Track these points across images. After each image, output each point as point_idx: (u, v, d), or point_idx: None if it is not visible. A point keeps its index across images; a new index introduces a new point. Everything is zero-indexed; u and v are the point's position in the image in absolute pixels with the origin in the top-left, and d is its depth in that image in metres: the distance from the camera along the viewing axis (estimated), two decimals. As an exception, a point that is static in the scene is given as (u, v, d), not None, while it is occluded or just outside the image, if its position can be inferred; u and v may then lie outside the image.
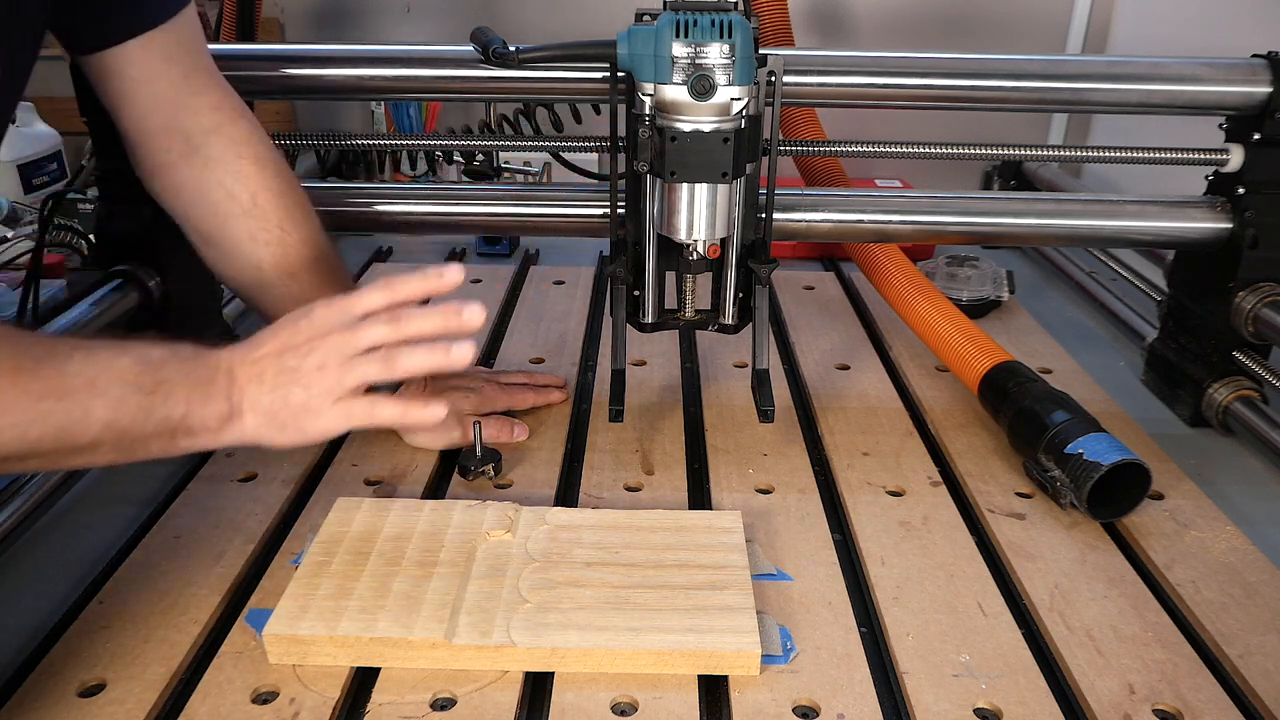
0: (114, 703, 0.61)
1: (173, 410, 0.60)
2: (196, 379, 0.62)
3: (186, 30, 0.77)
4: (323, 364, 0.64)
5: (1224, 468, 0.92)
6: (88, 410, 0.57)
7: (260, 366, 0.64)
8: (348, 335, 0.65)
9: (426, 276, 0.68)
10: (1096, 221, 1.01)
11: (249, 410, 0.63)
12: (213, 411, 0.62)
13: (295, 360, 0.64)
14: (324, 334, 0.65)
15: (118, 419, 0.58)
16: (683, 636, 0.64)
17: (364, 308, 0.67)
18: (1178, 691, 0.63)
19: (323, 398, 0.64)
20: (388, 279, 0.69)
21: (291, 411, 0.64)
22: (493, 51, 0.82)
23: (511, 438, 0.91)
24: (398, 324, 0.66)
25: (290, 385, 0.64)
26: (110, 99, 0.78)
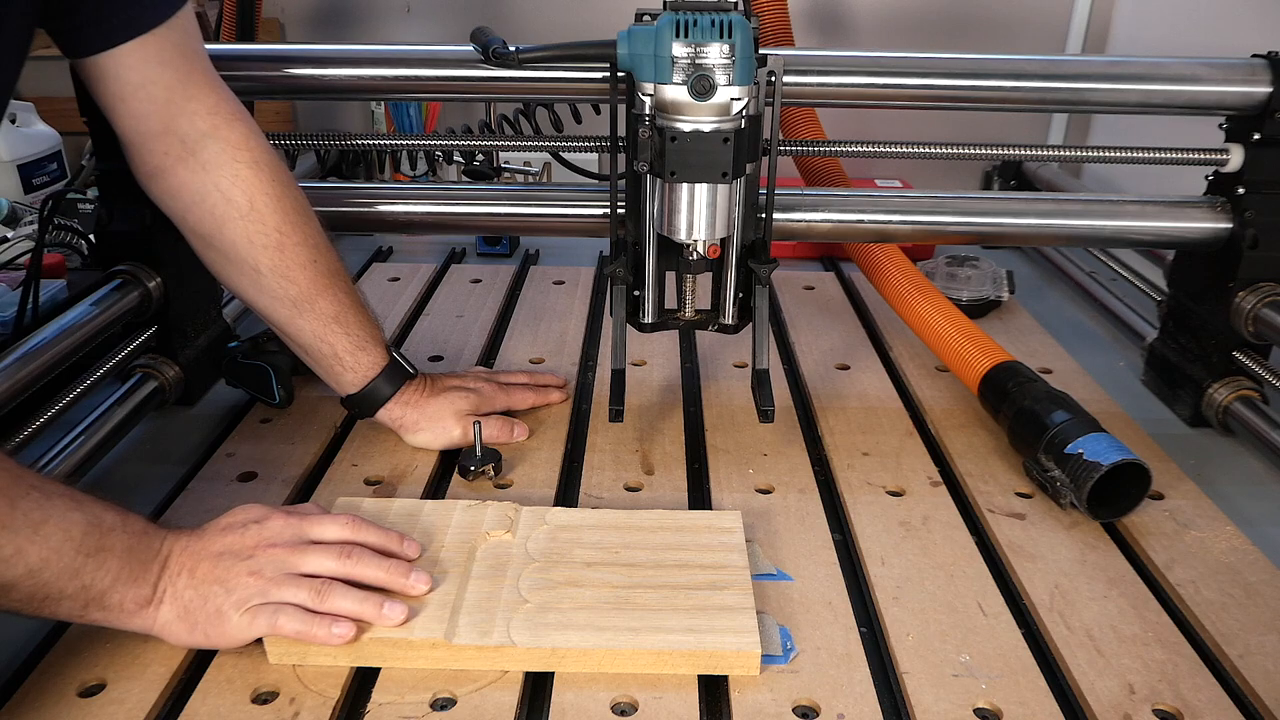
0: (114, 703, 0.61)
1: (99, 581, 0.59)
2: (135, 556, 0.61)
3: (182, 33, 0.77)
4: (256, 572, 0.63)
5: (1224, 468, 0.92)
6: (19, 550, 0.55)
7: (196, 560, 0.63)
8: (292, 555, 0.64)
9: (390, 538, 0.69)
10: (1096, 221, 1.01)
11: (168, 601, 0.62)
12: (135, 594, 0.61)
13: (229, 564, 0.63)
14: (269, 544, 0.64)
15: (44, 570, 0.56)
16: (683, 636, 0.64)
17: (318, 535, 0.66)
18: (1178, 691, 0.63)
19: (240, 605, 0.62)
20: (354, 520, 0.68)
21: (206, 613, 0.62)
22: (493, 51, 0.82)
23: (511, 438, 0.91)
24: (347, 561, 0.65)
25: (215, 587, 0.62)
26: (106, 102, 0.78)
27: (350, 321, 0.86)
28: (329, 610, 0.63)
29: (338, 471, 0.87)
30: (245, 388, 0.97)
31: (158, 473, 0.87)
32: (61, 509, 0.58)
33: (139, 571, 0.61)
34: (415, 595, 0.66)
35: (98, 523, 0.59)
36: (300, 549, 0.65)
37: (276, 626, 0.62)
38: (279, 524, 0.66)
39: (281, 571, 0.63)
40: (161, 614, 0.62)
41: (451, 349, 1.12)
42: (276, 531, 0.65)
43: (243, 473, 0.86)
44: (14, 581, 0.56)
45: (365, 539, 0.68)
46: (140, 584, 0.61)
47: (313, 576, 0.64)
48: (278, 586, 0.63)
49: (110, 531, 0.60)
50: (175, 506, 0.81)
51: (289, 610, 0.62)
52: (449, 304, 1.25)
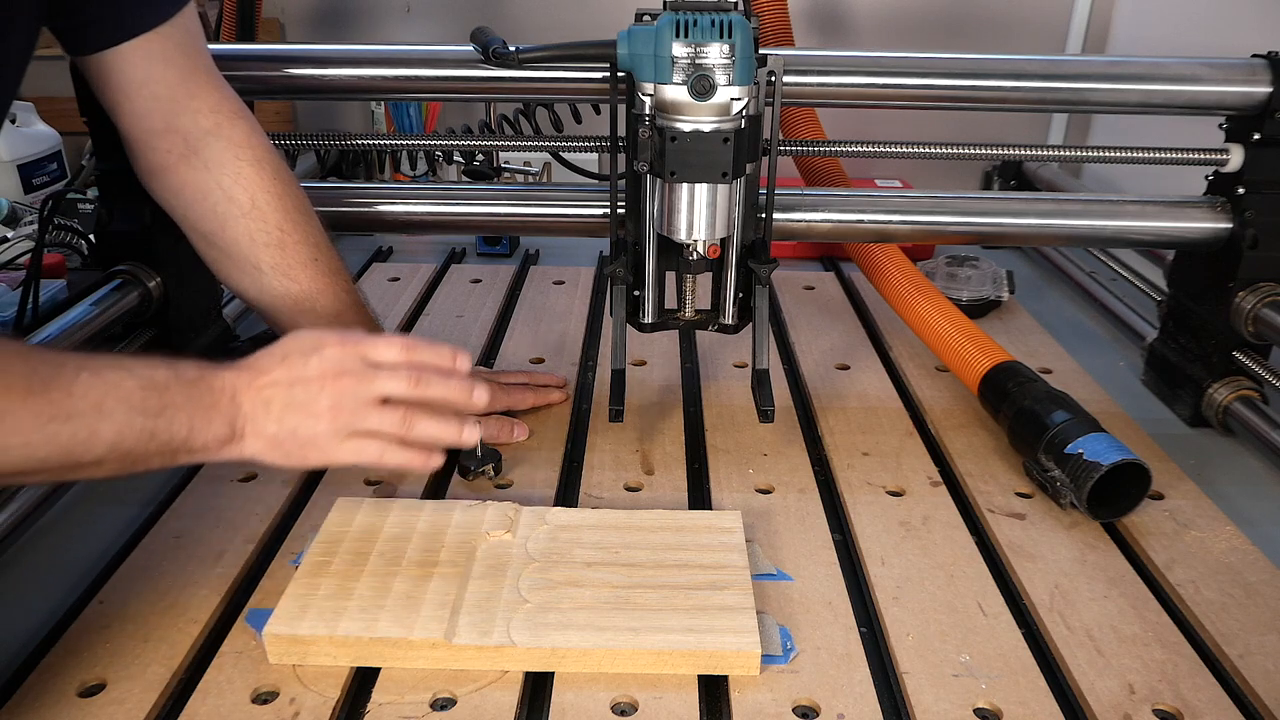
0: (114, 703, 0.61)
1: (176, 433, 0.61)
2: (200, 403, 0.63)
3: (185, 31, 0.77)
4: (337, 405, 0.65)
5: (1224, 468, 0.92)
6: (94, 432, 0.58)
7: (267, 395, 0.65)
8: (364, 382, 0.66)
9: (442, 354, 0.70)
10: (1096, 221, 1.01)
11: (251, 435, 0.64)
12: (214, 434, 0.63)
13: (306, 395, 0.65)
14: (337, 374, 0.66)
15: (122, 441, 0.59)
16: (683, 636, 0.64)
17: (377, 357, 0.67)
18: (1178, 691, 0.63)
19: (332, 436, 0.65)
20: (406, 340, 0.70)
21: (298, 443, 0.65)
22: (493, 51, 0.82)
23: (511, 438, 0.91)
24: (419, 384, 0.67)
25: (299, 419, 0.65)
26: (109, 100, 0.78)
27: (351, 321, 0.86)
28: (417, 437, 0.68)
29: (338, 471, 0.87)
30: (245, 388, 0.97)
31: (158, 473, 0.87)
32: (115, 381, 0.59)
33: (210, 416, 0.63)
34: (479, 408, 0.70)
35: (152, 384, 0.61)
36: (370, 376, 0.67)
37: (382, 459, 0.67)
38: (337, 352, 0.67)
39: (360, 401, 0.66)
40: (248, 446, 0.65)
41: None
42: (339, 360, 0.66)
43: (243, 473, 0.86)
44: (101, 458, 0.59)
45: (422, 358, 0.69)
46: (215, 425, 0.63)
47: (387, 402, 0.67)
48: (363, 417, 0.66)
49: (167, 388, 0.61)
50: (175, 506, 0.81)
51: (391, 448, 0.67)
52: (449, 304, 1.25)
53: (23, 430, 0.55)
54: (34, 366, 0.57)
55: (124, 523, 0.80)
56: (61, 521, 0.80)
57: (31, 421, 0.55)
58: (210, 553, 0.75)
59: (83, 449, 0.58)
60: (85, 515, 0.81)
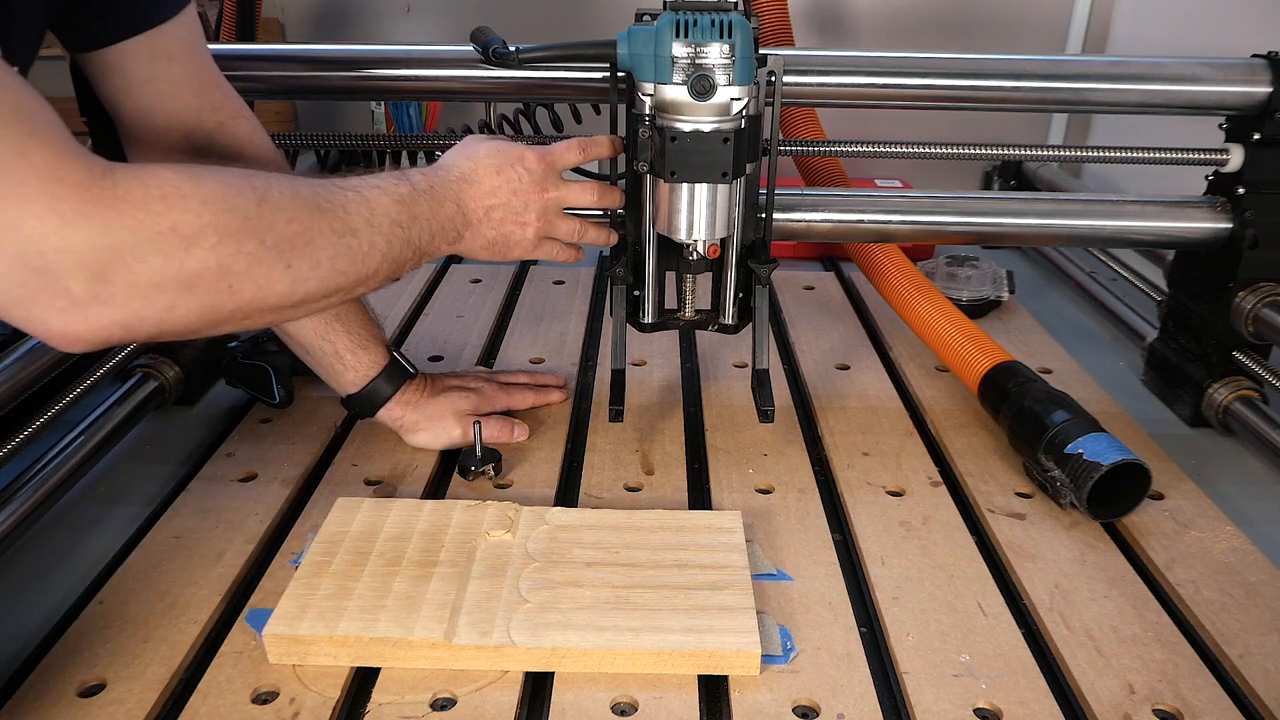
0: (114, 703, 0.61)
1: (423, 240, 0.70)
2: (435, 213, 0.71)
3: (187, 30, 0.77)
4: (541, 215, 0.78)
5: (1224, 468, 0.92)
6: (372, 244, 0.65)
7: (489, 205, 0.75)
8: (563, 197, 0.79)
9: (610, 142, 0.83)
10: (1096, 221, 1.01)
11: (471, 238, 0.75)
12: (446, 240, 0.73)
13: (520, 206, 0.76)
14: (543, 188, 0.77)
15: (390, 250, 0.67)
16: (683, 636, 0.64)
17: (565, 164, 0.80)
18: (1178, 691, 0.63)
19: (533, 239, 0.78)
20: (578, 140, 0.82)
21: (507, 245, 0.77)
22: (493, 51, 0.82)
23: (511, 438, 0.91)
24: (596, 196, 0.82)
25: (513, 227, 0.77)
26: (110, 98, 0.78)
27: (350, 321, 0.86)
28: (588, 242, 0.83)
29: (338, 471, 0.87)
30: (245, 388, 0.97)
31: (158, 473, 0.87)
32: (375, 199, 0.67)
33: (444, 224, 0.72)
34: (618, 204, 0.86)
35: (402, 199, 0.69)
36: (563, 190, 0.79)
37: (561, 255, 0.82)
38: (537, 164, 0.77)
39: (556, 211, 0.79)
40: (466, 246, 0.76)
41: (451, 349, 1.12)
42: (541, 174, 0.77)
43: (243, 473, 0.86)
44: (376, 269, 0.67)
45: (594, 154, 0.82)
46: (448, 231, 0.73)
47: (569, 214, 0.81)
48: (555, 226, 0.80)
49: (415, 202, 0.70)
50: (175, 506, 0.81)
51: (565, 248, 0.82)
52: (449, 304, 1.25)
53: (328, 245, 0.62)
54: (315, 190, 0.63)
55: (124, 523, 0.80)
56: (61, 521, 0.80)
57: (331, 236, 0.62)
58: (210, 553, 0.75)
59: (367, 260, 0.65)
60: (85, 515, 0.81)
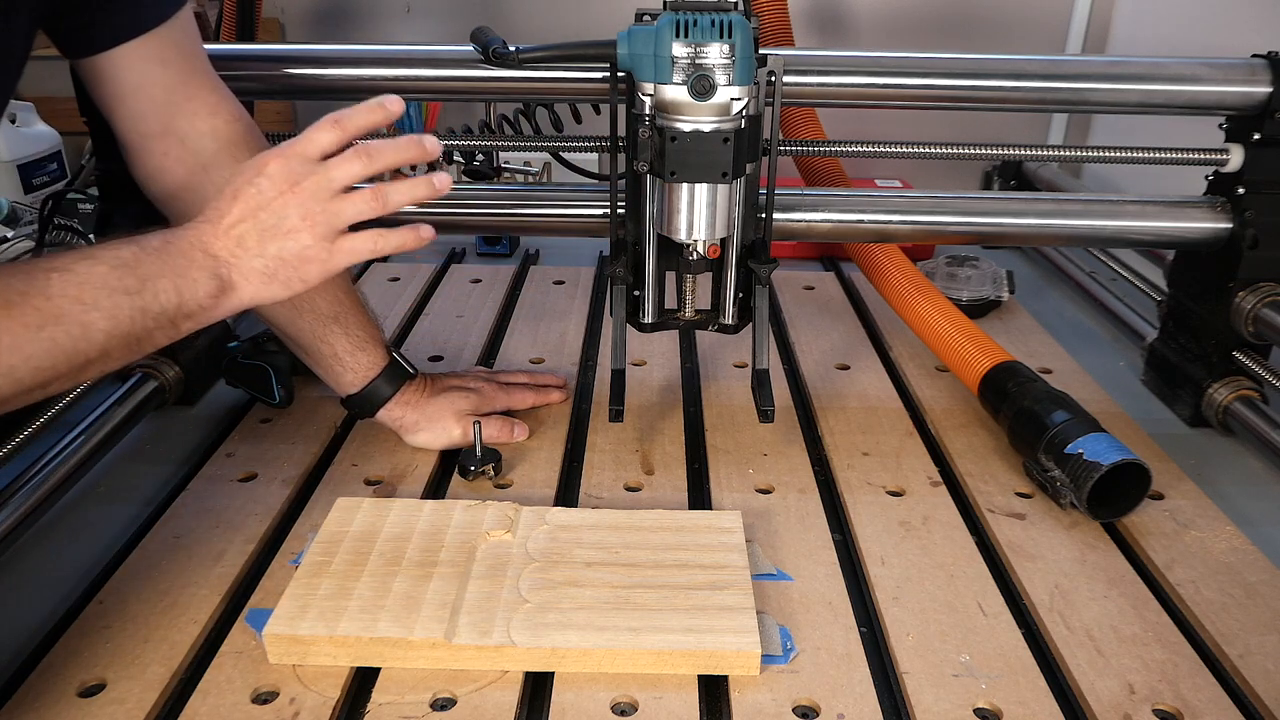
0: (114, 703, 0.61)
1: (165, 302, 0.61)
2: (175, 267, 0.61)
3: (182, 33, 0.77)
4: (307, 213, 0.63)
5: (1224, 468, 0.92)
6: (86, 325, 0.57)
7: (237, 233, 0.63)
8: (320, 180, 0.64)
9: (370, 109, 0.66)
10: (1096, 221, 1.01)
11: (241, 279, 0.63)
12: (203, 291, 0.62)
13: (273, 218, 0.63)
14: (292, 184, 0.63)
15: (117, 326, 0.59)
16: (683, 636, 0.64)
17: (318, 149, 0.65)
18: (1178, 691, 0.63)
19: (319, 244, 0.64)
20: (330, 115, 0.66)
21: (290, 266, 0.64)
22: (493, 51, 0.82)
23: (511, 438, 0.91)
24: (370, 159, 0.65)
25: (280, 242, 0.63)
26: (106, 102, 0.77)
27: (350, 321, 0.86)
28: (395, 204, 0.65)
29: (338, 471, 0.87)
30: (245, 388, 0.97)
31: (158, 473, 0.87)
32: (86, 272, 0.58)
33: (191, 275, 0.62)
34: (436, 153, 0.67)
35: (122, 263, 0.60)
36: (322, 171, 0.64)
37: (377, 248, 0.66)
38: (280, 164, 0.64)
39: (326, 199, 0.64)
40: (244, 291, 0.63)
41: (451, 349, 1.12)
42: (286, 171, 0.64)
43: (243, 473, 0.86)
44: (104, 348, 0.59)
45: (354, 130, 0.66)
46: (201, 283, 0.62)
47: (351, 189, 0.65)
48: (337, 212, 0.64)
49: (138, 263, 0.60)
50: (175, 506, 0.81)
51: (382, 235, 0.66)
52: (449, 304, 1.25)
53: (19, 346, 0.55)
54: (5, 282, 0.56)
55: (124, 523, 0.80)
56: (61, 521, 0.80)
57: (24, 334, 0.55)
58: (210, 553, 0.75)
59: (83, 345, 0.57)
60: (85, 515, 0.81)
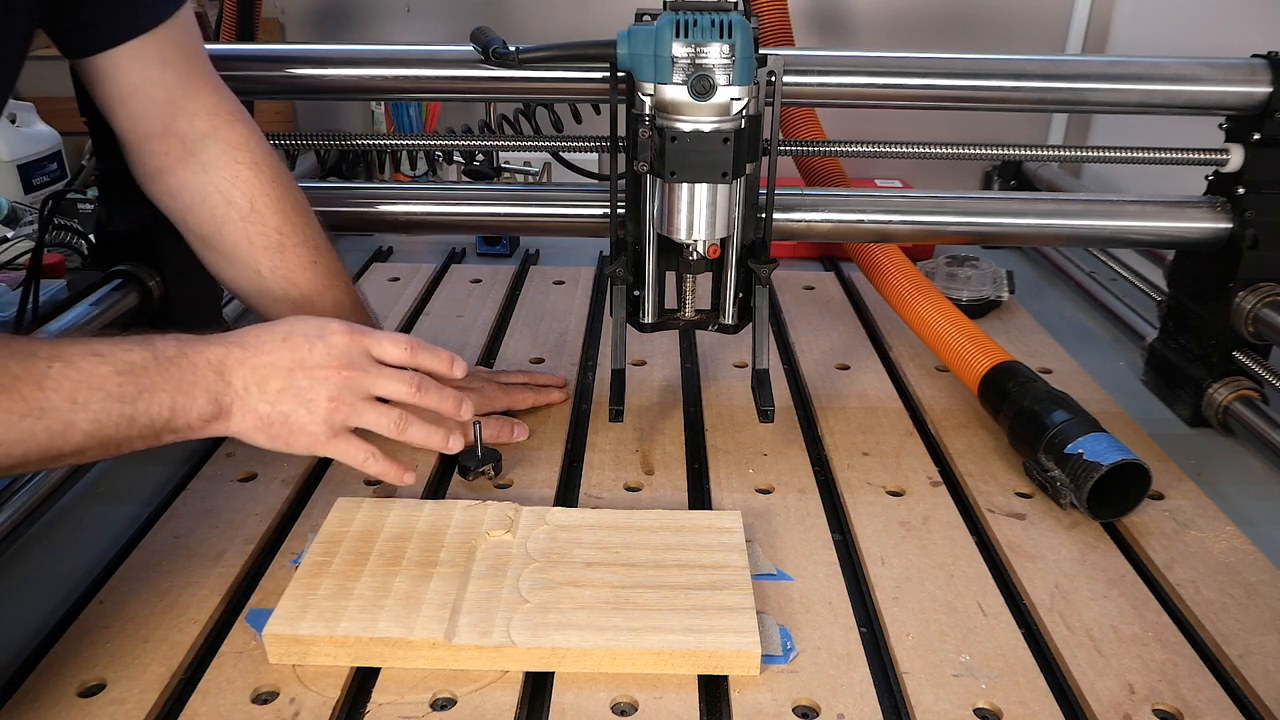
0: (114, 703, 0.61)
1: (156, 415, 0.61)
2: (181, 382, 0.62)
3: (182, 33, 0.77)
4: (336, 398, 0.66)
5: (1224, 468, 0.92)
6: (69, 424, 0.57)
7: (264, 374, 0.64)
8: (367, 379, 0.66)
9: (443, 360, 0.72)
10: (1096, 221, 1.01)
11: (240, 412, 0.64)
12: (197, 412, 0.62)
13: (306, 382, 0.65)
14: (341, 365, 0.66)
15: (100, 430, 0.58)
16: (683, 636, 0.64)
17: (381, 354, 0.68)
18: (1178, 691, 0.63)
19: (325, 428, 0.66)
20: (410, 340, 0.71)
21: (288, 428, 0.65)
22: (493, 51, 0.82)
23: (511, 438, 0.91)
24: (416, 393, 0.69)
25: (295, 406, 0.65)
26: (106, 103, 0.77)
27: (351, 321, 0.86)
28: (406, 440, 0.69)
29: (338, 471, 0.87)
30: (245, 388, 0.97)
31: (158, 473, 0.87)
32: (89, 371, 0.58)
33: (193, 394, 0.62)
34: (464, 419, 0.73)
35: (129, 368, 0.59)
36: (373, 373, 0.67)
37: (364, 465, 0.68)
38: (344, 341, 0.67)
39: (359, 397, 0.66)
40: (234, 423, 0.64)
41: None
42: (344, 350, 0.66)
43: (243, 473, 0.86)
44: (80, 447, 0.58)
45: (424, 363, 0.71)
46: (199, 403, 0.62)
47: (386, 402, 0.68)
48: (360, 413, 0.67)
49: (144, 371, 0.60)
50: (175, 507, 0.81)
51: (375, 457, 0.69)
52: (449, 304, 1.25)
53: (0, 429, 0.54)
54: (3, 362, 0.55)
55: (124, 523, 0.80)
56: (61, 521, 0.80)
57: (4, 419, 0.54)
58: (210, 553, 0.75)
59: (60, 440, 0.57)
60: (85, 515, 0.81)
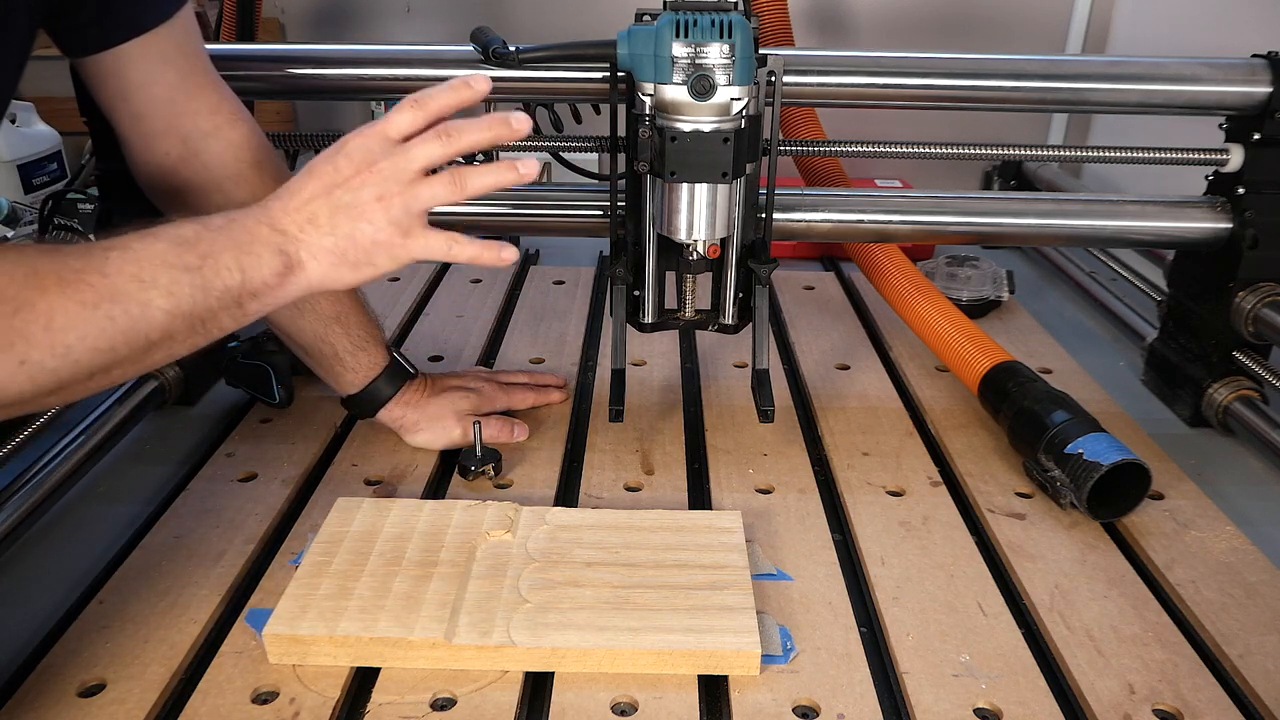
0: (114, 703, 0.61)
1: (229, 280, 0.58)
2: (238, 243, 0.59)
3: (183, 32, 0.77)
4: (383, 194, 0.61)
5: (1224, 468, 0.92)
6: (145, 304, 0.55)
7: (309, 210, 0.61)
8: (399, 160, 0.62)
9: (455, 87, 0.64)
10: (1096, 221, 1.01)
11: (309, 257, 0.61)
12: (268, 268, 0.60)
13: (349, 195, 0.61)
14: (369, 164, 0.61)
15: (178, 304, 0.56)
16: (683, 636, 0.64)
17: (398, 130, 0.62)
18: (1178, 691, 0.63)
19: (393, 229, 0.61)
20: (412, 96, 0.63)
21: (361, 249, 0.61)
22: (493, 51, 0.82)
23: (511, 438, 0.91)
24: (450, 139, 0.62)
25: (353, 222, 0.61)
26: (106, 102, 0.77)
27: (351, 322, 0.86)
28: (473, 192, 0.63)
29: (338, 471, 0.87)
30: (245, 388, 0.97)
31: (158, 473, 0.87)
32: (144, 249, 0.56)
33: (256, 251, 0.59)
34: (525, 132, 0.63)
35: (183, 240, 0.57)
36: (400, 153, 0.62)
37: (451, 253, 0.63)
38: (360, 142, 0.62)
39: (404, 181, 0.61)
40: (311, 270, 0.61)
41: (451, 349, 1.12)
42: (365, 149, 0.62)
43: (243, 473, 0.86)
44: (167, 328, 0.56)
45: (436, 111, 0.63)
46: (266, 259, 0.59)
47: None
48: (414, 196, 0.61)
49: (198, 239, 0.58)
50: (175, 507, 0.81)
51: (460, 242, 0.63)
52: (449, 304, 1.25)
53: (75, 324, 0.53)
54: (62, 259, 0.54)
55: (124, 523, 0.80)
56: (61, 521, 0.80)
57: (80, 312, 0.53)
58: (210, 553, 0.75)
59: (143, 325, 0.55)
60: (85, 515, 0.81)
